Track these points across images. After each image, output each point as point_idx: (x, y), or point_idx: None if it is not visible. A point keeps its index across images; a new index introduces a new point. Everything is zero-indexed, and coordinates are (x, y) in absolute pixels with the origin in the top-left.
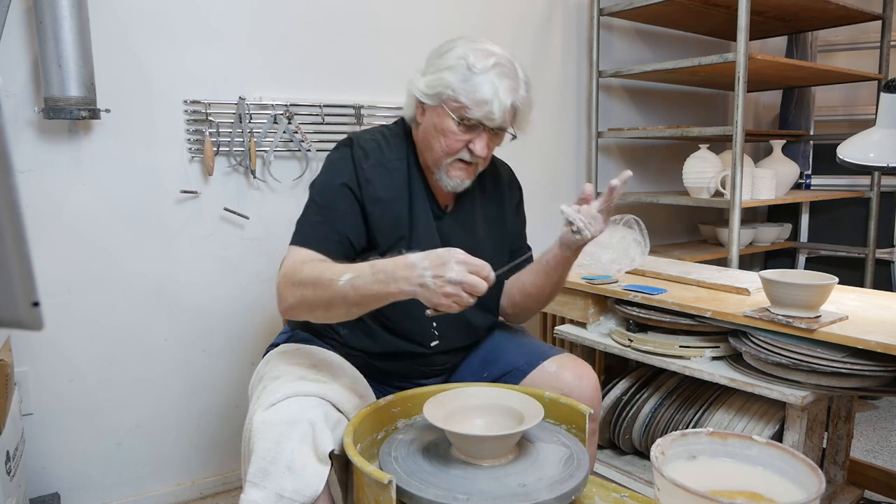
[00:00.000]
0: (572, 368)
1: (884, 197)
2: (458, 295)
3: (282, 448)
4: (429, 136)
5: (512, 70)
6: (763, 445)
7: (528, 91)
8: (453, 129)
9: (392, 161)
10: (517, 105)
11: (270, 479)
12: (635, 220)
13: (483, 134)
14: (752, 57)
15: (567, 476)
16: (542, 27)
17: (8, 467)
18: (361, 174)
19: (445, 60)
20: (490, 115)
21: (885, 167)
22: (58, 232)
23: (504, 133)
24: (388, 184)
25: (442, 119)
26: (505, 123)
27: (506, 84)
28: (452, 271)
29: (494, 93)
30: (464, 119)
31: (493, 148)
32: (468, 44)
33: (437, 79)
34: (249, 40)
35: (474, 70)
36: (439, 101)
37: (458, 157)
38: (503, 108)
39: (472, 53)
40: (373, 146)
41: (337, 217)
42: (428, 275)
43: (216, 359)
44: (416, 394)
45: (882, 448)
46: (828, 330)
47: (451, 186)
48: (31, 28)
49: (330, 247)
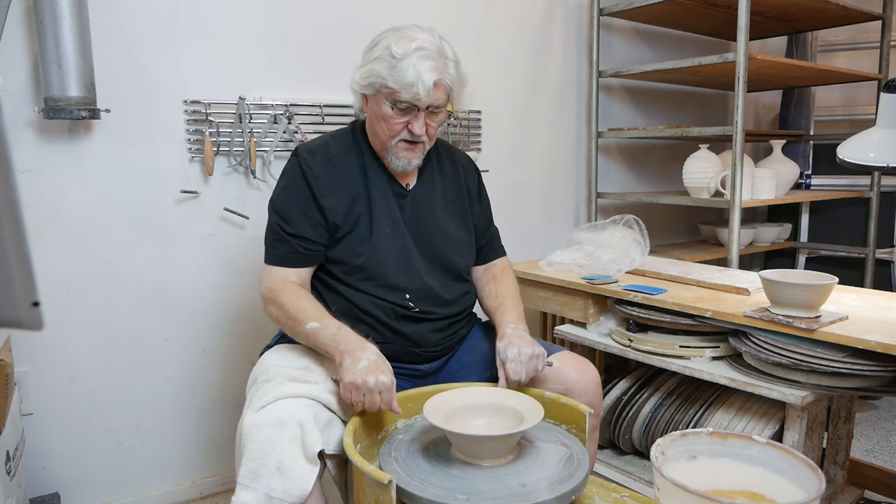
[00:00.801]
0: (574, 364)
1: (884, 197)
2: (358, 391)
3: (271, 449)
4: (373, 122)
5: (436, 51)
6: (763, 445)
7: (457, 69)
8: (390, 114)
9: (338, 155)
10: (446, 83)
11: (260, 480)
12: (635, 220)
13: (419, 114)
14: (752, 57)
15: (567, 476)
16: (542, 27)
17: (8, 467)
18: (309, 173)
19: (373, 52)
20: (417, 96)
21: (885, 167)
22: (58, 232)
23: (442, 111)
24: (337, 175)
25: (380, 106)
26: (437, 101)
27: (428, 65)
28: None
29: (417, 75)
30: (396, 102)
31: (434, 126)
32: (393, 34)
33: (368, 70)
34: (249, 40)
35: (397, 56)
36: (374, 90)
37: (401, 138)
38: (427, 87)
39: (395, 42)
40: (319, 146)
41: (290, 227)
42: (362, 365)
43: (216, 359)
44: (416, 394)
45: (882, 448)
46: (828, 330)
47: (402, 167)
48: (31, 28)
49: (291, 259)
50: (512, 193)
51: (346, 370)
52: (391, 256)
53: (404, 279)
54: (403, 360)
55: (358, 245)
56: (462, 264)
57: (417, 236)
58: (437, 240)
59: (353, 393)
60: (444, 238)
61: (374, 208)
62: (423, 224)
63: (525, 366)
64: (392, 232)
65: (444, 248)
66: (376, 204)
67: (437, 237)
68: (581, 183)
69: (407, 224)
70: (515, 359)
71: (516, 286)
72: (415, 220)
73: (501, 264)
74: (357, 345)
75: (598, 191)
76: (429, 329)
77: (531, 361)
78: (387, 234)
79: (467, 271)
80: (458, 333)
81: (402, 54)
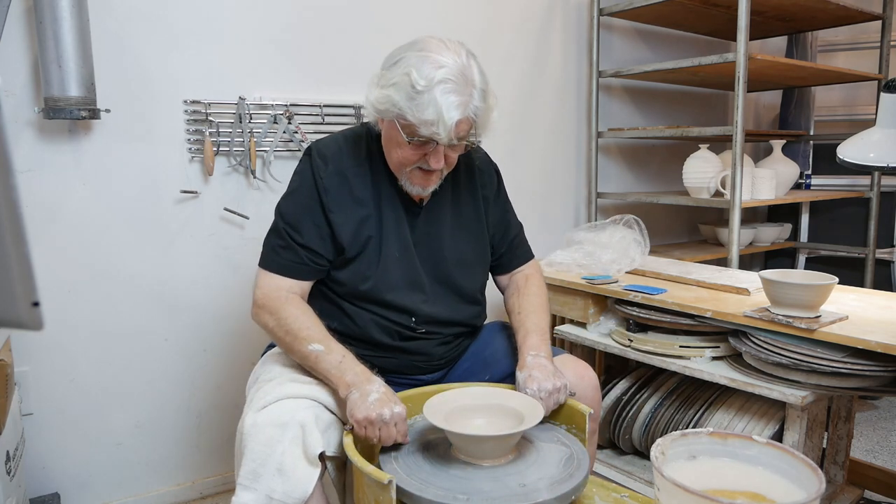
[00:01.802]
0: (572, 368)
1: (884, 197)
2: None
3: (272, 450)
4: (387, 144)
5: (462, 82)
6: (763, 445)
7: (483, 99)
8: (406, 144)
9: (351, 167)
10: (471, 117)
11: (261, 481)
12: (635, 220)
13: (438, 147)
14: (752, 57)
15: (567, 476)
16: (542, 27)
17: (8, 467)
18: (321, 184)
19: (392, 75)
20: (437, 135)
21: (885, 167)
22: (58, 232)
23: (463, 142)
24: (348, 190)
25: (395, 133)
26: (458, 137)
27: (452, 100)
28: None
29: (439, 114)
30: (414, 136)
31: (452, 157)
32: (416, 55)
33: (384, 96)
34: (249, 40)
35: (418, 88)
36: (390, 117)
37: (417, 167)
38: (449, 128)
39: (417, 68)
40: (333, 152)
41: (300, 237)
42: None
43: (216, 359)
44: (416, 394)
45: (882, 448)
46: (828, 330)
47: (416, 192)
48: (31, 28)
49: (296, 270)
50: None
51: (357, 405)
52: (399, 281)
53: (411, 303)
54: (405, 373)
55: (365, 269)
56: (473, 287)
57: (427, 258)
58: (447, 261)
59: (367, 428)
60: (455, 259)
61: (385, 230)
62: (435, 245)
63: (545, 402)
64: (401, 255)
65: (455, 271)
66: (387, 225)
67: (448, 259)
68: (581, 183)
69: (417, 245)
70: (535, 395)
71: (542, 296)
72: (426, 240)
73: (527, 271)
74: (364, 377)
75: (598, 191)
76: (434, 344)
77: (552, 397)
78: (395, 257)
79: (481, 291)
80: (463, 344)
81: (424, 86)
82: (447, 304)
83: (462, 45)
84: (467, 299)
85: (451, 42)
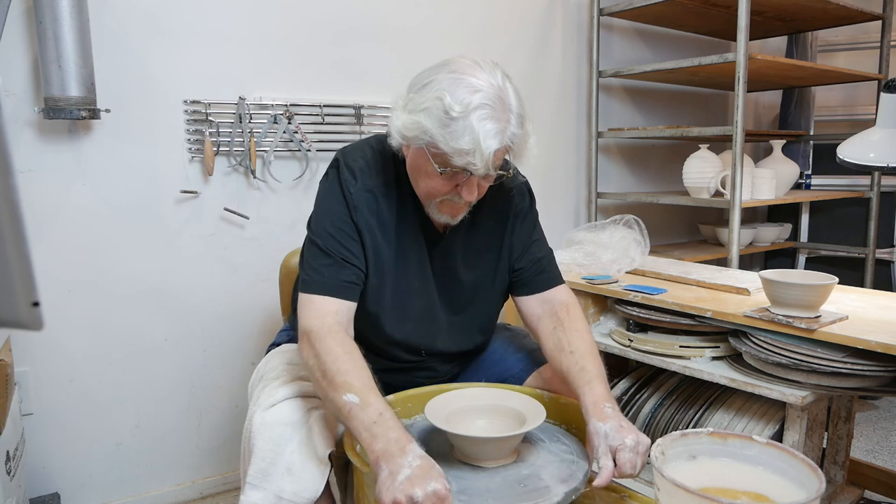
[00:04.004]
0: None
1: (884, 197)
2: None
3: (282, 449)
4: (414, 172)
5: (499, 107)
6: (763, 445)
7: (521, 126)
8: (436, 174)
9: (379, 186)
10: (508, 145)
11: (270, 480)
12: (635, 220)
13: (472, 178)
14: (752, 57)
15: (567, 476)
16: (542, 27)
17: (8, 467)
18: (350, 199)
19: (423, 99)
20: (472, 165)
21: (885, 167)
22: (58, 232)
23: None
24: (375, 212)
25: (424, 162)
26: (495, 167)
27: (490, 128)
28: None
29: (476, 142)
30: (446, 166)
31: (484, 187)
32: (449, 76)
33: (413, 122)
34: (249, 40)
35: (452, 114)
36: (419, 144)
37: (447, 198)
38: (486, 157)
39: (451, 92)
40: (361, 166)
41: (345, 251)
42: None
43: (216, 359)
44: (417, 394)
45: (882, 448)
46: (828, 330)
47: (443, 221)
48: (31, 28)
49: (341, 290)
50: None
51: (384, 485)
52: (414, 313)
53: (423, 339)
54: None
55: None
56: (488, 313)
57: (444, 288)
58: (464, 290)
59: None
60: (471, 286)
61: (406, 260)
62: (452, 274)
63: (642, 458)
64: (420, 286)
65: (471, 300)
66: (408, 255)
67: (465, 286)
68: (581, 183)
69: (436, 275)
70: (633, 448)
71: (591, 333)
72: (444, 269)
73: (563, 298)
74: (397, 447)
75: (598, 191)
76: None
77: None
78: (413, 289)
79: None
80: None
81: (460, 113)
82: (460, 335)
83: (496, 66)
84: (481, 327)
85: (485, 62)
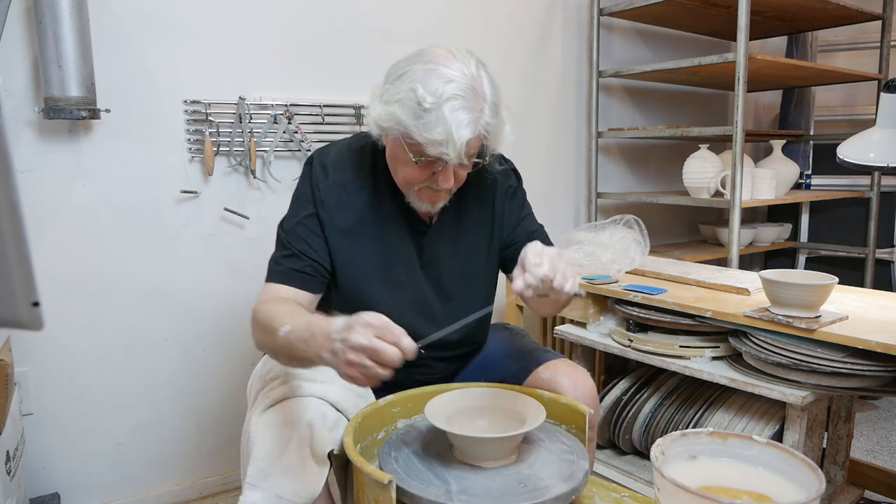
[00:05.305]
0: (567, 375)
1: (884, 197)
2: (361, 364)
3: (280, 450)
4: (392, 162)
5: (472, 97)
6: (763, 445)
7: (495, 114)
8: (412, 164)
9: (353, 181)
10: (482, 134)
11: (269, 480)
12: (635, 220)
13: (447, 167)
14: (752, 57)
15: (567, 476)
16: (542, 27)
17: (8, 467)
18: (318, 195)
19: (397, 90)
20: (446, 155)
21: (885, 167)
22: (58, 232)
23: (474, 160)
24: (347, 207)
25: (400, 152)
26: (468, 155)
27: (462, 118)
28: (357, 334)
29: (448, 133)
30: (421, 155)
31: (462, 175)
32: (423, 67)
33: (388, 113)
34: (249, 40)
35: (425, 105)
36: (395, 135)
37: (425, 186)
38: (459, 147)
39: (424, 83)
40: (334, 162)
41: (302, 243)
42: (337, 339)
43: (216, 359)
44: (417, 394)
45: (882, 448)
46: (828, 330)
47: (424, 209)
48: (31, 28)
49: (295, 278)
50: None
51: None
52: (405, 306)
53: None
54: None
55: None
56: (482, 301)
57: (434, 278)
58: (455, 283)
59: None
60: (463, 279)
61: (390, 252)
62: (442, 267)
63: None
64: (407, 279)
65: (463, 288)
66: (392, 247)
67: (456, 279)
68: (581, 183)
69: (424, 267)
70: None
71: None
72: (434, 259)
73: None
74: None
75: (598, 191)
76: (437, 359)
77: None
78: (401, 281)
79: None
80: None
81: (432, 104)
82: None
83: (471, 54)
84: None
85: (459, 51)
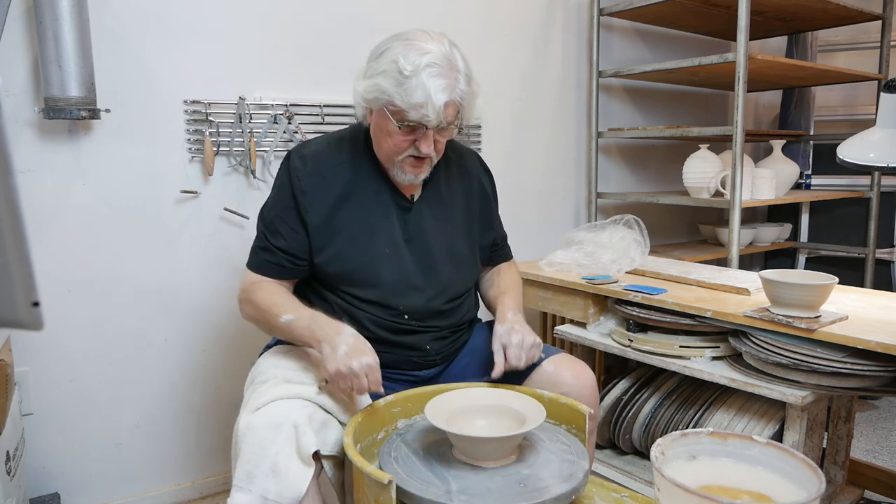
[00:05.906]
0: (569, 368)
1: (884, 197)
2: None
3: (266, 451)
4: (377, 135)
5: (447, 66)
6: (763, 445)
7: (468, 84)
8: (396, 132)
9: (332, 167)
10: (457, 100)
11: (255, 482)
12: (635, 220)
13: (428, 132)
14: (752, 57)
15: (567, 476)
16: (542, 27)
17: (8, 467)
18: (297, 185)
19: (379, 64)
20: (426, 117)
21: (885, 167)
22: (58, 232)
23: (452, 126)
24: (326, 191)
25: (385, 122)
26: (447, 120)
27: (439, 83)
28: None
29: (427, 95)
30: (403, 121)
31: (442, 143)
32: (401, 44)
33: (372, 84)
34: (249, 40)
35: (405, 73)
36: (379, 105)
37: (408, 154)
38: (438, 109)
39: (403, 55)
40: (312, 152)
41: (275, 239)
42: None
43: (216, 359)
44: (417, 394)
45: (882, 448)
46: (828, 330)
47: (408, 181)
48: (31, 28)
49: (270, 270)
50: (512, 193)
51: (328, 360)
52: (389, 277)
53: (403, 301)
54: (402, 368)
55: (354, 266)
56: (466, 281)
57: (419, 254)
58: (440, 257)
59: (340, 381)
60: (447, 255)
61: (373, 226)
62: (427, 241)
63: (527, 353)
64: (391, 251)
65: (448, 266)
66: (375, 222)
67: (441, 254)
68: (581, 183)
69: (408, 242)
70: (519, 345)
71: (519, 281)
72: (418, 235)
73: (507, 263)
74: (333, 330)
75: (598, 191)
76: (429, 339)
77: (532, 350)
78: (385, 254)
79: (473, 284)
80: (459, 340)
81: (411, 71)
82: (440, 299)
83: (444, 36)
84: (460, 294)
85: (434, 32)
